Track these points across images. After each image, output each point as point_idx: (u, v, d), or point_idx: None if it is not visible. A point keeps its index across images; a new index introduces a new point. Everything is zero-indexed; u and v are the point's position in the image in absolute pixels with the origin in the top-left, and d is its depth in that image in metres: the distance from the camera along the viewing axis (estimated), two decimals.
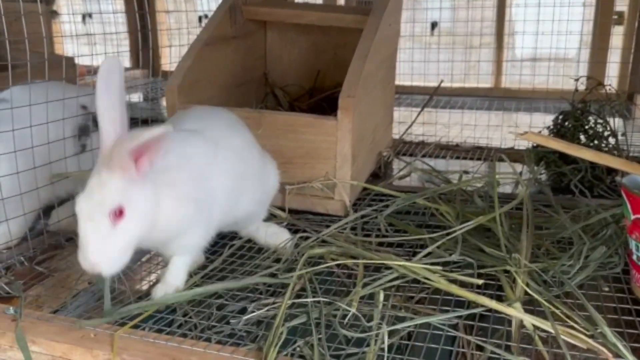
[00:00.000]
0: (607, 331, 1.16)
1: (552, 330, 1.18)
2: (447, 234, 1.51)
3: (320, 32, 2.64)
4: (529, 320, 1.22)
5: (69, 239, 1.76)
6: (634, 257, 1.35)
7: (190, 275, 1.48)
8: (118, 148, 1.19)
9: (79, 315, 1.37)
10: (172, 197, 1.32)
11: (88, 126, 1.89)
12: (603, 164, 1.73)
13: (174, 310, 1.37)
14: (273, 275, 1.48)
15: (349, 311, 1.26)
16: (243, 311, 1.34)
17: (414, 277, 1.40)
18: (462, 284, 1.36)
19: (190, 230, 1.40)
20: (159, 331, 1.27)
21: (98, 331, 1.24)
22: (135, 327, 1.27)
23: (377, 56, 2.09)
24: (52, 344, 1.20)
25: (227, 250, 1.64)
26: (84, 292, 1.50)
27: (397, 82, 2.62)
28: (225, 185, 1.48)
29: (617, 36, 3.39)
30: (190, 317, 1.33)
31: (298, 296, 1.36)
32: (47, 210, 1.85)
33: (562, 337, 1.16)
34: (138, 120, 2.52)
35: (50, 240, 1.77)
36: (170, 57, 2.50)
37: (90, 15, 3.81)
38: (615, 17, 3.43)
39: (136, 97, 3.80)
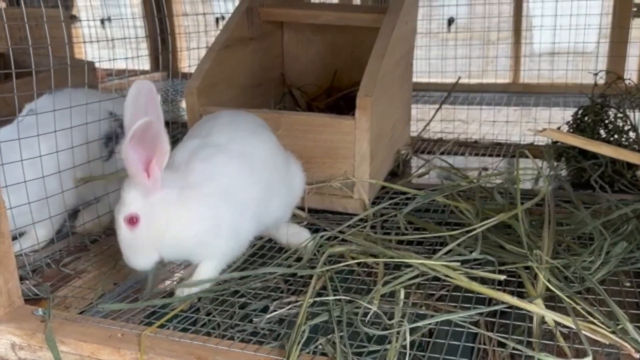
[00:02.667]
0: (629, 327, 1.16)
1: (573, 326, 1.18)
2: (467, 232, 1.52)
3: (337, 32, 2.65)
4: (551, 316, 1.22)
5: (94, 241, 1.79)
6: None
7: None
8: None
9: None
10: (194, 213, 1.39)
11: (116, 132, 1.91)
12: (622, 160, 1.72)
13: (198, 309, 1.39)
14: (293, 273, 1.50)
15: (370, 309, 1.28)
16: (265, 310, 1.36)
17: (434, 274, 1.40)
18: (483, 281, 1.36)
19: (214, 242, 1.44)
20: (184, 330, 1.29)
21: (125, 331, 1.26)
22: (161, 326, 1.29)
23: (394, 54, 2.09)
24: (80, 343, 1.23)
25: (249, 249, 1.66)
26: (110, 292, 1.54)
27: (414, 80, 2.62)
28: (253, 196, 1.51)
29: (636, 29, 3.35)
30: (213, 316, 1.36)
31: (319, 295, 1.38)
32: (73, 214, 1.88)
33: (584, 332, 1.16)
34: None
35: (76, 242, 1.80)
36: (189, 60, 2.52)
37: (109, 19, 3.86)
38: (635, 9, 3.39)
39: None
